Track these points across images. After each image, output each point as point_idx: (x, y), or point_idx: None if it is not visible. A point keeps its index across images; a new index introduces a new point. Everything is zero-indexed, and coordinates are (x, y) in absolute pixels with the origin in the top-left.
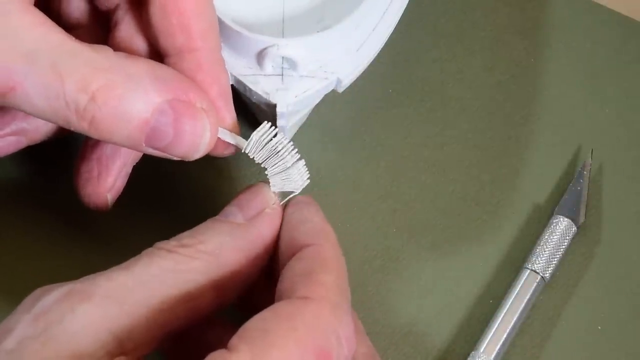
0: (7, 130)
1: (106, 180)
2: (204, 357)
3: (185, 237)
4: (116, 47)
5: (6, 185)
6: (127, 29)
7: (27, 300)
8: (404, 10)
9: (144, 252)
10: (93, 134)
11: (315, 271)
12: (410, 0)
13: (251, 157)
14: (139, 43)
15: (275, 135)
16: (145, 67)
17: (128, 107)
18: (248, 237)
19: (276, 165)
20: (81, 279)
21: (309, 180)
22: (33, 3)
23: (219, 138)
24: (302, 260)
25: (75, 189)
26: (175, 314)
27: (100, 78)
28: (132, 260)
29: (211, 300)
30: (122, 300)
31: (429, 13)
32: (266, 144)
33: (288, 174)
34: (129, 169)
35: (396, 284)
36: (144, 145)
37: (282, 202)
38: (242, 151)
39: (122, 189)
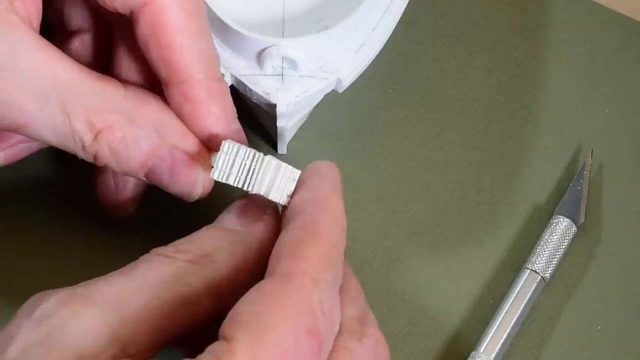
0: (19, 137)
1: (124, 192)
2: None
3: (183, 243)
4: (118, 70)
5: (7, 186)
6: (124, 53)
7: (26, 305)
8: (404, 11)
9: (142, 258)
10: (98, 165)
11: (303, 243)
12: (410, 0)
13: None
14: (138, 68)
15: (236, 159)
16: (150, 111)
17: (128, 148)
18: (245, 244)
19: (250, 189)
20: (81, 284)
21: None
22: (38, 30)
23: None
24: (292, 231)
25: (96, 199)
26: (174, 319)
27: (105, 119)
28: (130, 265)
29: (210, 306)
30: (123, 305)
31: (429, 13)
32: (229, 171)
33: (265, 195)
34: None
35: (396, 284)
36: (144, 179)
37: (280, 209)
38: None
39: (141, 197)
